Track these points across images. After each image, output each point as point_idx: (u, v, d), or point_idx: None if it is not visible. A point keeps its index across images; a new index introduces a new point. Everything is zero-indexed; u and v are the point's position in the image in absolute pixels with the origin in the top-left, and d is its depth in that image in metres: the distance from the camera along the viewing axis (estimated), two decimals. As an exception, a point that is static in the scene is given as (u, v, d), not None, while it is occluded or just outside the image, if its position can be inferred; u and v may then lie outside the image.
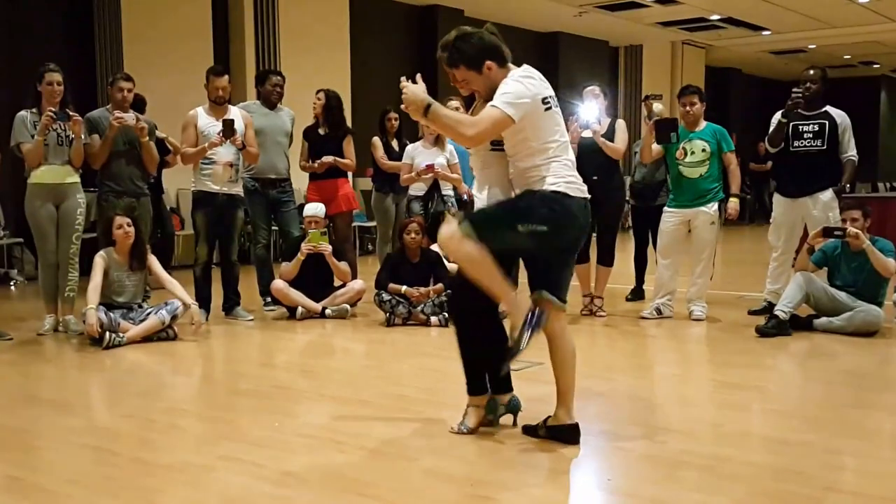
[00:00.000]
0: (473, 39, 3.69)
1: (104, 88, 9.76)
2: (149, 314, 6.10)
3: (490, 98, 3.60)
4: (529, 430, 3.82)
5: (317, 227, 6.91)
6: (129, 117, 6.46)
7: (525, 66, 3.74)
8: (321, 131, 7.57)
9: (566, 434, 3.70)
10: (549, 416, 3.77)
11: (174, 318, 6.11)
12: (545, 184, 3.59)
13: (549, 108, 3.64)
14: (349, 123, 8.23)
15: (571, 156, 3.72)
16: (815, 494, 3.15)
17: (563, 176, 3.61)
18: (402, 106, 3.58)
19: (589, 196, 3.70)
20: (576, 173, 3.69)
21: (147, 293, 6.43)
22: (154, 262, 6.31)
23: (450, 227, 3.51)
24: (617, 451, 3.69)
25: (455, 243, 3.50)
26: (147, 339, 6.02)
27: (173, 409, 4.52)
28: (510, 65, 3.75)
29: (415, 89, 3.55)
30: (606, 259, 6.90)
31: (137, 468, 3.51)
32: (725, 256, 10.32)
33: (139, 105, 7.29)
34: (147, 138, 6.61)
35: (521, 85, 3.59)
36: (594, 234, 6.88)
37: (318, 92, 7.67)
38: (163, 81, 9.81)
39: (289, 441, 3.83)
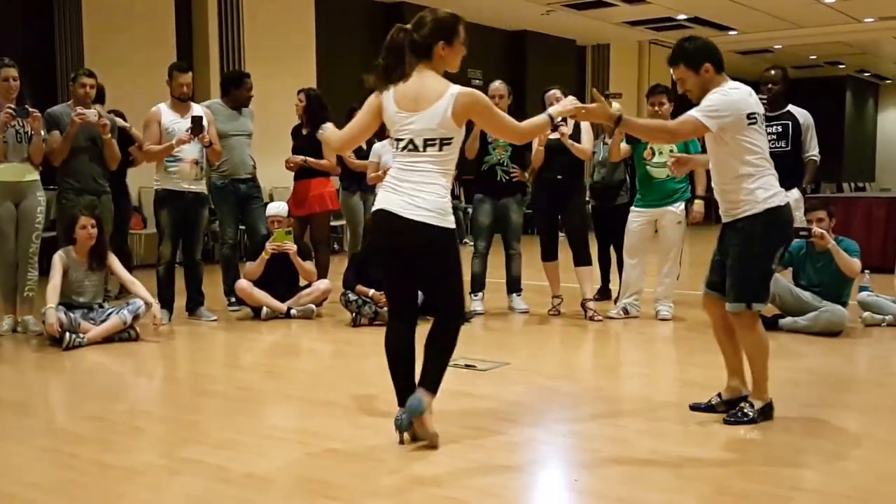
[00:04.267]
0: (698, 42, 3.98)
1: (64, 84, 9.62)
2: (110, 314, 5.99)
3: (699, 101, 3.88)
4: (736, 418, 4.03)
5: (280, 227, 6.85)
6: (92, 114, 6.36)
7: (734, 82, 3.94)
8: (304, 132, 7.54)
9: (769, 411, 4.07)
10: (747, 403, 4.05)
11: (136, 318, 6.01)
12: (759, 200, 3.89)
13: (754, 123, 3.88)
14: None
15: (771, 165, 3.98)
16: (780, 493, 3.18)
17: (773, 187, 3.92)
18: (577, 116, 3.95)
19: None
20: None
21: (108, 293, 6.32)
22: (115, 261, 6.20)
23: (738, 313, 3.95)
24: (584, 451, 3.69)
25: (750, 333, 4.00)
26: (108, 339, 5.92)
27: (135, 410, 4.46)
28: (725, 75, 3.96)
29: (597, 107, 3.87)
30: (583, 258, 6.85)
31: (99, 471, 3.45)
32: (692, 256, 10.35)
33: (100, 95, 7.12)
34: (109, 135, 6.52)
35: (726, 97, 3.83)
36: (562, 234, 6.93)
37: (299, 92, 7.63)
38: (125, 77, 9.67)
39: (254, 443, 3.79)
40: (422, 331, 3.56)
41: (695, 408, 4.20)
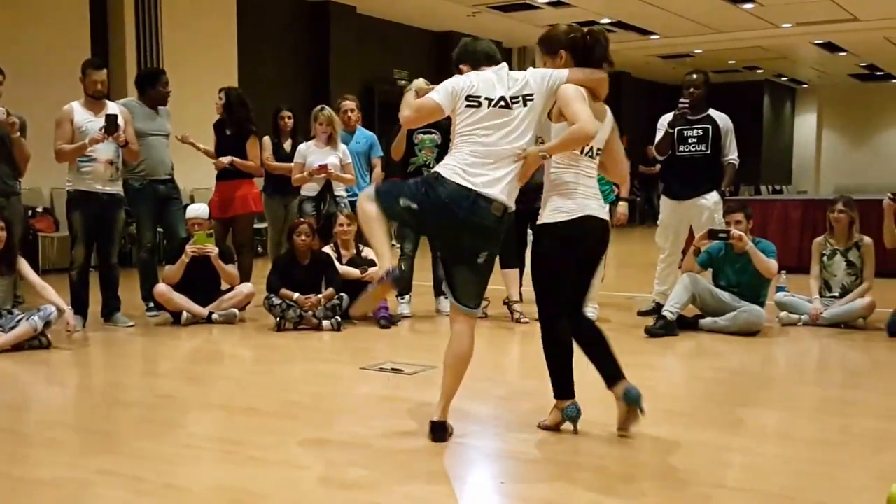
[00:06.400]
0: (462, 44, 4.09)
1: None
2: (19, 321, 5.76)
3: None
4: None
5: (201, 229, 6.71)
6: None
7: (491, 69, 3.89)
8: (228, 131, 7.44)
9: (431, 431, 3.76)
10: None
11: (47, 324, 5.79)
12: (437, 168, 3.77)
13: (474, 106, 3.72)
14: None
15: (482, 150, 3.70)
16: (703, 491, 3.21)
17: (449, 163, 3.70)
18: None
19: (482, 192, 3.64)
20: (476, 167, 3.67)
21: (18, 299, 6.11)
22: (24, 265, 5.98)
23: (365, 191, 3.83)
24: (510, 454, 3.68)
25: (360, 201, 3.74)
26: (18, 347, 5.70)
27: (47, 421, 4.32)
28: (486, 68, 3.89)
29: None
30: (509, 261, 6.84)
31: (9, 485, 3.32)
32: (617, 258, 10.51)
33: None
34: (18, 134, 6.30)
35: (458, 78, 3.83)
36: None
37: (219, 91, 7.56)
38: (35, 74, 9.37)
39: (172, 452, 3.70)
40: (350, 334, 3.55)
41: None
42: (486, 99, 3.72)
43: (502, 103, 3.72)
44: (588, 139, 3.67)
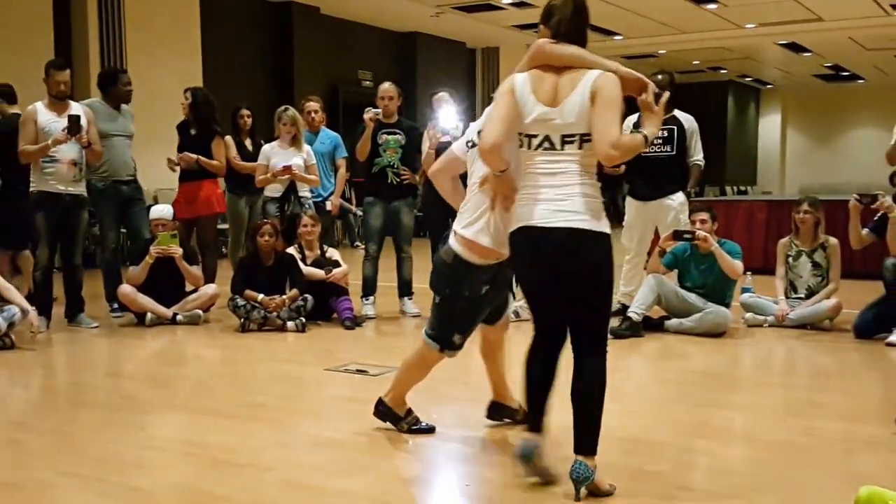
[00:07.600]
0: None
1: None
2: (-18, 322, 5.69)
3: None
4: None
5: (165, 230, 6.65)
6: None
7: None
8: (192, 131, 7.39)
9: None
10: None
11: (11, 325, 5.74)
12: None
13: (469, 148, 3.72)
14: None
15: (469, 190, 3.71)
16: (668, 493, 3.22)
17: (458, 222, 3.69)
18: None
19: (448, 233, 3.73)
20: (461, 209, 3.72)
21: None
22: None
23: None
24: (475, 457, 3.68)
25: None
26: (-20, 348, 5.64)
27: (9, 422, 4.26)
28: None
29: None
30: None
31: (-32, 489, 3.28)
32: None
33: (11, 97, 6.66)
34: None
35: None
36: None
37: (185, 90, 7.51)
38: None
39: (136, 454, 3.67)
40: (314, 335, 3.51)
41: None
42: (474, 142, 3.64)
43: (472, 143, 3.67)
44: (482, 153, 3.28)
